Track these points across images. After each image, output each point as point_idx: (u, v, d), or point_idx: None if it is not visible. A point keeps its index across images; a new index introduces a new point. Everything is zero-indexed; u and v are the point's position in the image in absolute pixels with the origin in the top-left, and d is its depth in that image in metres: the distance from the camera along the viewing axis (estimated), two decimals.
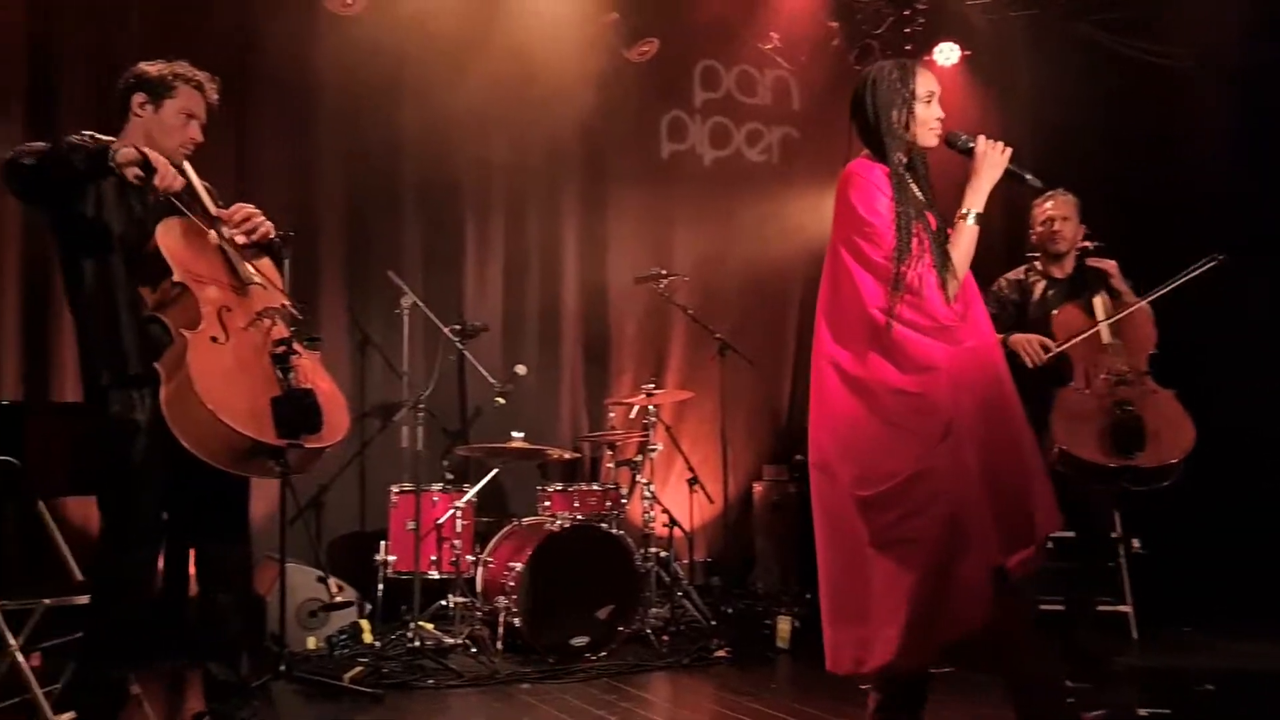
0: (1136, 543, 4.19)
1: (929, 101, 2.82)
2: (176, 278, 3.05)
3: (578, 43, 6.38)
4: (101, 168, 2.94)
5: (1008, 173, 2.88)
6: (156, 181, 2.95)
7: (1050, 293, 4.46)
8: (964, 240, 2.79)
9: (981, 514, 2.59)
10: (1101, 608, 5.07)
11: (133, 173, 2.93)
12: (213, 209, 3.23)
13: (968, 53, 7.29)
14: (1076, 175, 5.14)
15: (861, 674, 2.71)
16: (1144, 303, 4.22)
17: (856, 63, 7.15)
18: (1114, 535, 5.21)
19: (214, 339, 3.02)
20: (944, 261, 2.73)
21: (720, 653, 4.84)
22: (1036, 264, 4.59)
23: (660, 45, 6.63)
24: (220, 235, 3.20)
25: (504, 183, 6.49)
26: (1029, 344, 4.22)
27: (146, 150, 2.99)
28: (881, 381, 2.66)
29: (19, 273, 5.27)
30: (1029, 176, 2.95)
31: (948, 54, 7.26)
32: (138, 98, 3.22)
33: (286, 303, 3.28)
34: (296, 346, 3.17)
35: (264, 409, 2.96)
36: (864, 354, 2.68)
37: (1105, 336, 4.21)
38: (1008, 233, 7.63)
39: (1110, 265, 4.36)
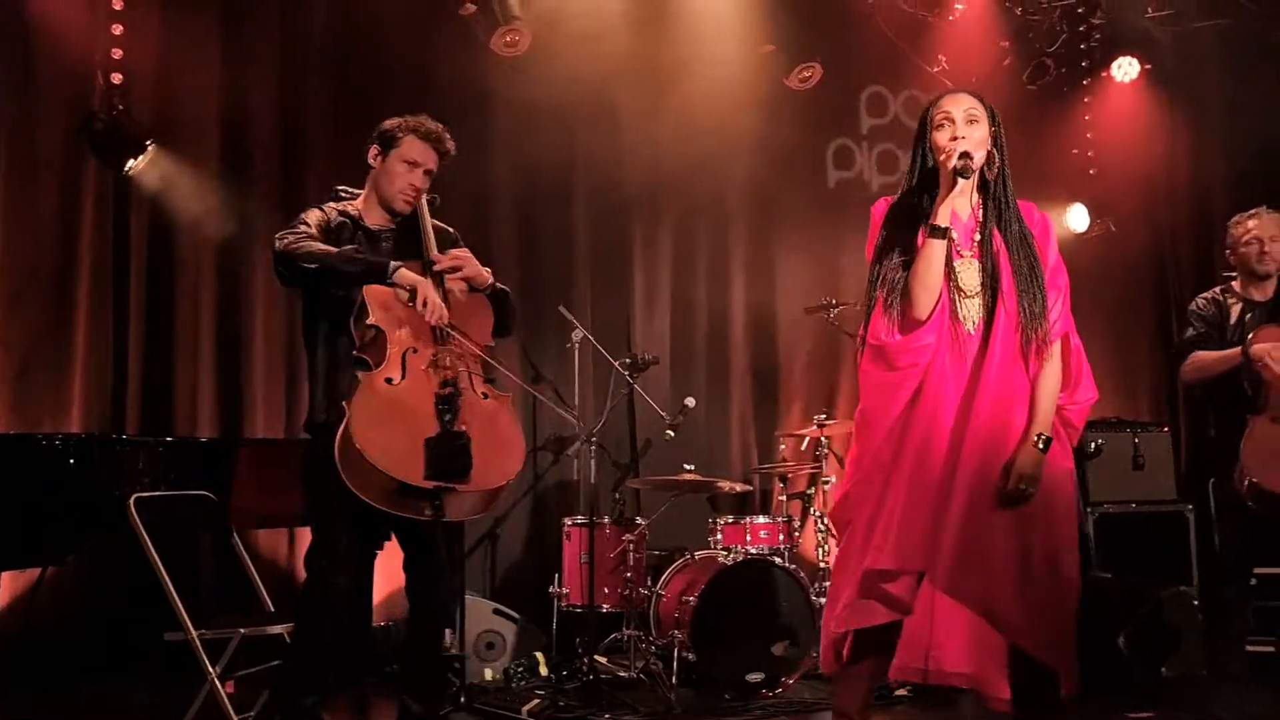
0: None
1: (940, 127, 2.84)
2: (370, 320, 3.16)
3: (743, 74, 6.37)
4: (379, 281, 3.17)
5: (956, 173, 2.76)
6: (419, 309, 3.15)
7: (1248, 316, 4.17)
8: (918, 261, 2.79)
9: (898, 523, 2.71)
10: None
11: (404, 296, 3.17)
12: (432, 254, 3.34)
13: (1148, 67, 6.99)
14: (1270, 191, 4.84)
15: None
16: None
17: (1030, 82, 6.93)
18: None
19: (389, 380, 3.11)
20: (896, 284, 2.82)
21: (901, 691, 4.67)
22: (1234, 285, 4.32)
23: (825, 73, 6.56)
24: (432, 279, 3.28)
25: (671, 216, 6.52)
26: (1273, 355, 3.89)
27: (418, 281, 3.18)
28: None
29: (214, 315, 5.55)
30: (968, 166, 2.76)
31: (1126, 69, 6.98)
32: (372, 150, 3.43)
33: (478, 348, 3.32)
34: (484, 389, 3.23)
35: (419, 451, 3.00)
36: None
37: None
38: (1198, 252, 7.29)
39: None
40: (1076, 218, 7.16)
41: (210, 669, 3.70)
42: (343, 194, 3.48)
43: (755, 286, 6.65)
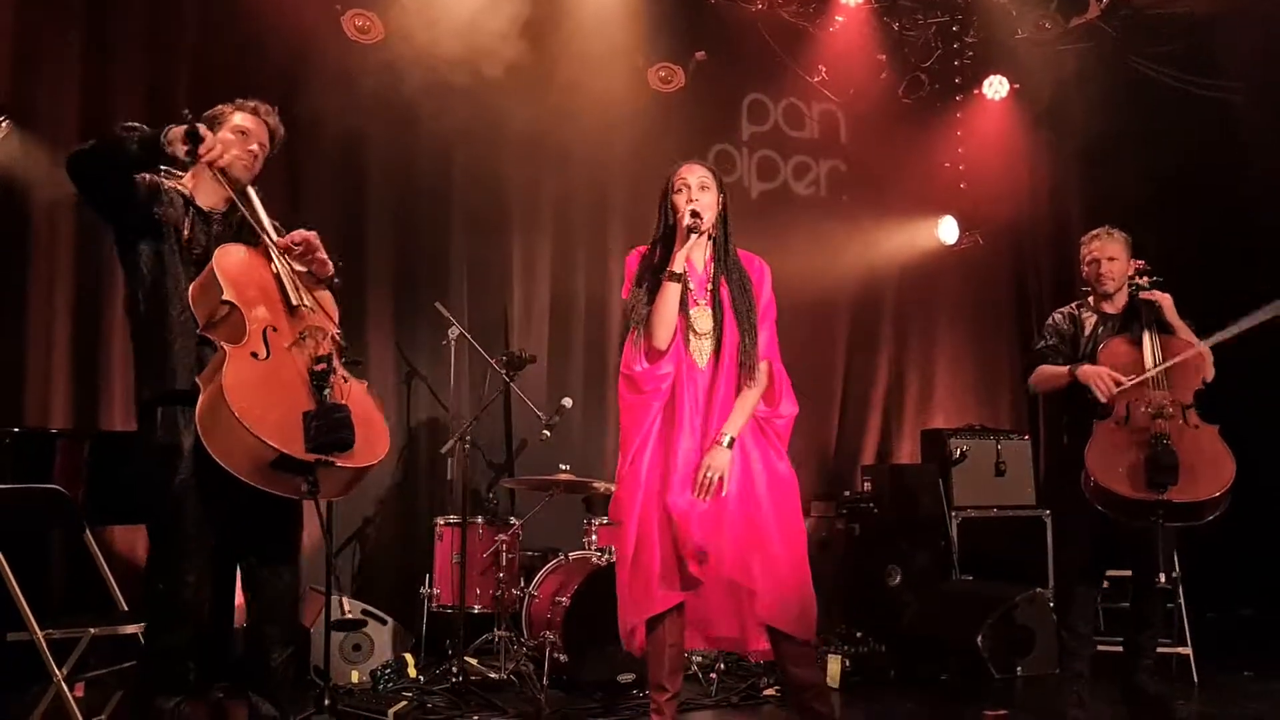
0: (1162, 577, 4.01)
1: (679, 191, 3.37)
2: (225, 296, 3.06)
3: (625, 75, 6.42)
4: (155, 150, 2.94)
5: (688, 230, 3.28)
6: (201, 151, 2.93)
7: (1101, 329, 4.31)
8: (657, 300, 3.28)
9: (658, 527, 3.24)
10: (1162, 649, 4.91)
11: (182, 148, 2.93)
12: (274, 236, 3.24)
13: (1016, 86, 7.25)
14: (1125, 208, 5.05)
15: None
16: (1202, 347, 4.08)
17: (905, 96, 7.12)
18: (1174, 575, 5.04)
19: (255, 354, 3.01)
20: (641, 320, 3.30)
21: (769, 691, 4.74)
22: (1089, 299, 4.47)
23: (707, 79, 6.64)
24: (278, 260, 3.21)
25: (551, 215, 6.48)
26: (1100, 378, 4.04)
27: (199, 125, 2.96)
28: None
29: (71, 301, 5.29)
30: (697, 224, 3.29)
31: (997, 87, 7.23)
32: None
33: (335, 332, 3.25)
34: (344, 371, 3.16)
35: (296, 424, 2.90)
36: None
37: (1151, 371, 4.07)
38: (1057, 267, 7.57)
39: (1163, 298, 4.21)
40: (947, 230, 7.38)
41: (56, 670, 3.53)
42: (166, 171, 3.29)
43: None
